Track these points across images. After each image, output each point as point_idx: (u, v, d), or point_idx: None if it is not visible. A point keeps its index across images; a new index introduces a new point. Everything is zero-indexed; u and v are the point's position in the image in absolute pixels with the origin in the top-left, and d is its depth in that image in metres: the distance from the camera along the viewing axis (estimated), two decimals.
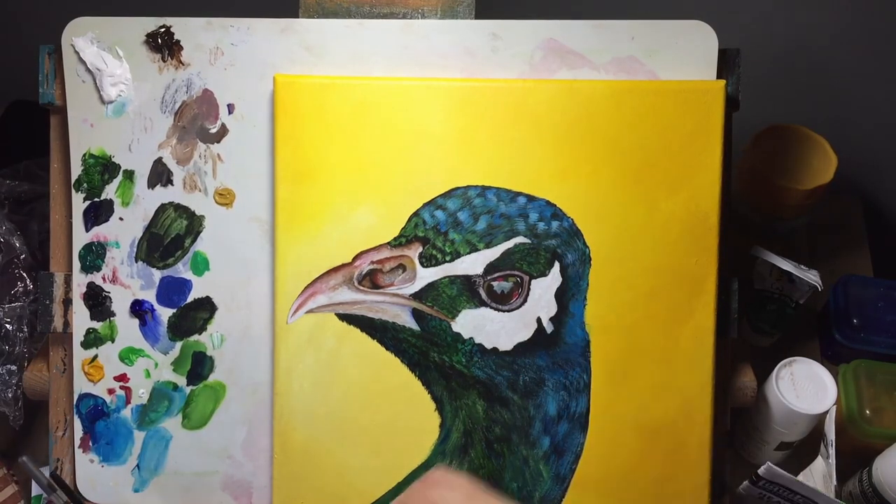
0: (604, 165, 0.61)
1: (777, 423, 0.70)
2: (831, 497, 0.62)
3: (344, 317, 0.61)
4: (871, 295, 0.82)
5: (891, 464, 0.67)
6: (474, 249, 0.60)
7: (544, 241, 0.61)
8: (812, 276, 0.74)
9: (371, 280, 0.61)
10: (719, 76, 0.62)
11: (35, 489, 0.74)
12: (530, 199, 0.61)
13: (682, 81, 0.61)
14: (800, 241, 0.88)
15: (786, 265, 0.74)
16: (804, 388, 0.70)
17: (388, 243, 0.61)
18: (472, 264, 0.61)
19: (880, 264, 0.90)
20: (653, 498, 0.62)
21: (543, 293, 0.61)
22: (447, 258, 0.60)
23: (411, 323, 0.61)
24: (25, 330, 0.73)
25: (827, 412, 0.69)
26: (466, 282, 0.61)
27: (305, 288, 0.61)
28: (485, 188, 0.61)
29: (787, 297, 0.79)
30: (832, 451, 0.67)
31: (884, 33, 0.84)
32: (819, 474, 0.68)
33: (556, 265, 0.61)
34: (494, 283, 0.61)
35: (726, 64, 0.63)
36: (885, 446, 0.69)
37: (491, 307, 0.61)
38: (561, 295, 0.61)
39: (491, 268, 0.61)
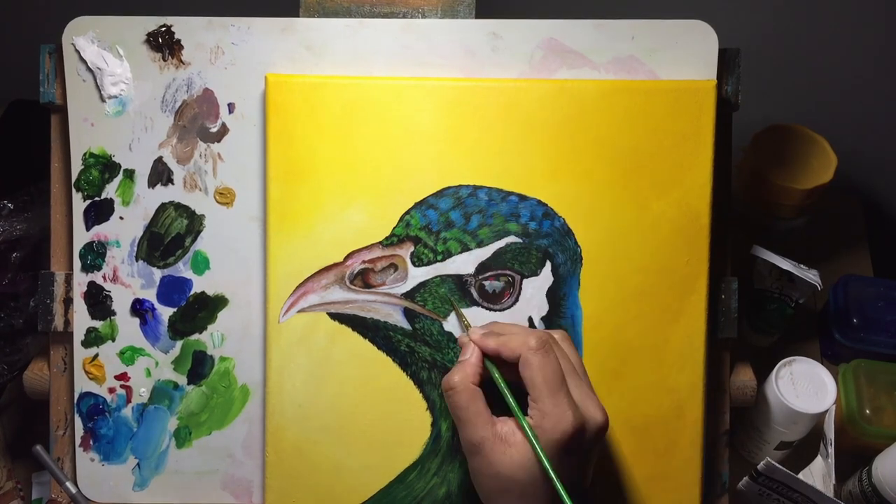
0: (595, 165, 0.61)
1: (777, 422, 0.70)
2: (830, 496, 0.62)
3: (336, 316, 0.62)
4: (871, 295, 0.82)
5: (891, 463, 0.67)
6: (466, 249, 0.61)
7: (536, 241, 0.61)
8: (812, 276, 0.74)
9: (363, 279, 0.61)
10: (719, 76, 0.62)
11: (36, 491, 0.74)
12: (522, 198, 0.61)
13: (674, 81, 0.61)
14: (800, 241, 0.88)
15: (786, 265, 0.74)
16: (804, 387, 0.70)
17: (380, 242, 0.61)
18: (464, 264, 0.61)
19: (880, 264, 0.90)
20: (644, 497, 0.62)
21: (535, 293, 0.61)
22: (439, 258, 0.61)
23: (403, 322, 0.61)
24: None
25: (826, 412, 0.69)
26: (458, 281, 0.61)
27: (297, 287, 0.61)
28: (476, 188, 0.61)
29: (787, 296, 0.79)
30: (831, 451, 0.67)
31: (884, 33, 0.84)
32: (819, 473, 0.68)
33: (548, 264, 0.61)
34: (486, 283, 0.61)
35: (726, 64, 0.63)
36: (884, 446, 0.69)
37: (482, 306, 0.61)
38: (552, 294, 0.61)
39: (482, 267, 0.61)
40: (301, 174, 0.61)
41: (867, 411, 0.72)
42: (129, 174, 0.63)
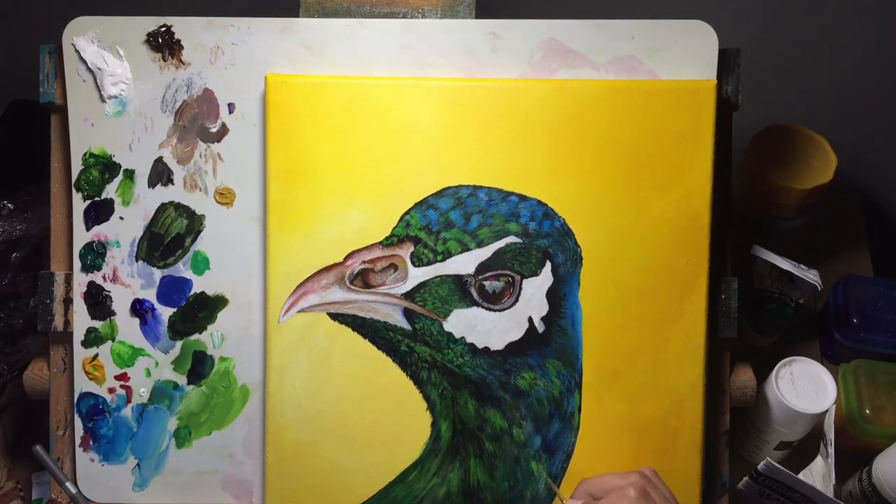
0: (595, 165, 0.61)
1: (777, 422, 0.70)
2: (830, 496, 0.62)
3: (335, 316, 0.62)
4: (871, 295, 0.82)
5: (890, 463, 0.67)
6: (466, 249, 0.61)
7: (536, 241, 0.61)
8: (812, 276, 0.74)
9: (363, 279, 0.61)
10: (719, 76, 0.62)
11: (36, 491, 0.74)
12: (522, 198, 0.61)
13: (674, 81, 0.61)
14: (800, 241, 0.88)
15: (786, 265, 0.74)
16: (804, 387, 0.70)
17: (380, 243, 0.61)
18: (464, 264, 0.61)
19: (880, 264, 0.90)
20: None
21: (535, 293, 0.61)
22: (439, 258, 0.61)
23: (403, 322, 0.61)
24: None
25: (826, 412, 0.69)
26: (458, 281, 0.61)
27: (297, 287, 0.61)
28: (476, 188, 0.61)
29: (787, 296, 0.79)
30: (831, 451, 0.67)
31: (884, 33, 0.84)
32: (819, 473, 0.68)
33: (548, 264, 0.61)
34: (486, 283, 0.61)
35: (726, 64, 0.63)
36: (884, 446, 0.69)
37: (482, 307, 0.61)
38: (552, 294, 0.61)
39: (482, 267, 0.61)
40: (301, 174, 0.61)
41: (867, 411, 0.72)
42: (129, 174, 0.63)
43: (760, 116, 0.84)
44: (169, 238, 0.63)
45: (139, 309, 0.64)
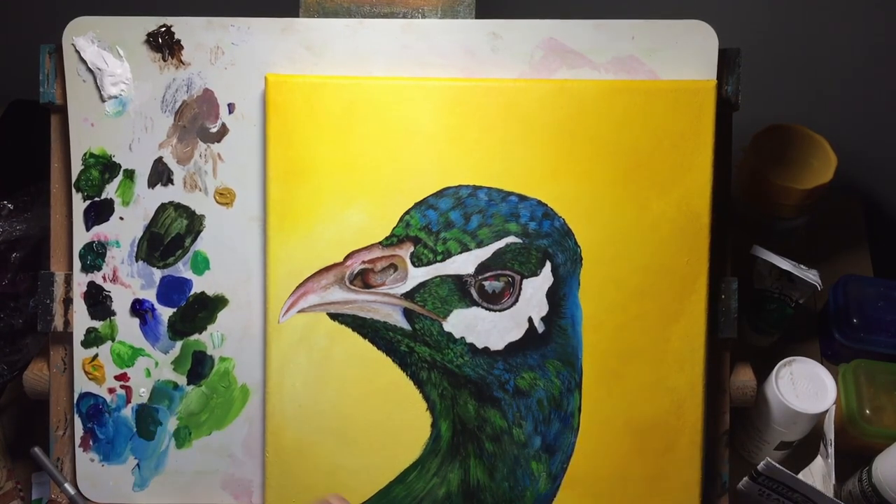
0: (595, 165, 0.61)
1: (777, 422, 0.70)
2: (830, 496, 0.62)
3: (335, 316, 0.62)
4: (871, 295, 0.82)
5: (890, 463, 0.67)
6: (466, 249, 0.61)
7: (536, 241, 0.61)
8: (812, 276, 0.74)
9: (362, 279, 0.61)
10: (719, 76, 0.62)
11: (36, 491, 0.74)
12: (522, 198, 0.61)
13: (674, 81, 0.61)
14: (800, 241, 0.88)
15: (786, 265, 0.74)
16: (804, 387, 0.70)
17: (380, 243, 0.61)
18: (464, 264, 0.61)
19: (880, 264, 0.90)
20: (644, 497, 0.63)
21: (535, 293, 0.61)
22: (438, 258, 0.61)
23: (402, 322, 0.61)
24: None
25: (826, 412, 0.69)
26: (458, 281, 0.61)
27: (297, 287, 0.61)
28: (476, 188, 0.61)
29: (787, 296, 0.79)
30: (831, 451, 0.67)
31: (884, 33, 0.84)
32: (818, 474, 0.68)
33: (548, 265, 0.61)
34: (486, 283, 0.61)
35: (726, 64, 0.63)
36: (884, 446, 0.69)
37: (482, 307, 0.61)
38: (552, 294, 0.61)
39: (482, 267, 0.61)
40: (301, 174, 0.61)
41: (867, 411, 0.72)
42: (129, 174, 0.63)
43: (760, 116, 0.84)
44: (169, 238, 0.63)
45: (139, 309, 0.64)
